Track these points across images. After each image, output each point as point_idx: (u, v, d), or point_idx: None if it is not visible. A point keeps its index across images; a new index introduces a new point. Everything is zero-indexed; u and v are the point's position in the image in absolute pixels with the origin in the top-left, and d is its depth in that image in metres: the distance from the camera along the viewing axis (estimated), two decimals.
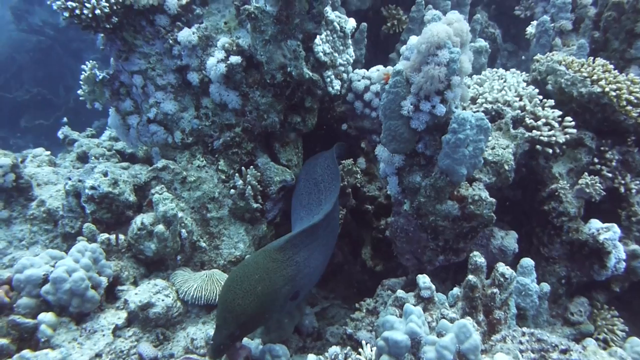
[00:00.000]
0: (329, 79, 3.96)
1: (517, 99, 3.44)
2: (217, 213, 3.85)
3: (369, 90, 4.20)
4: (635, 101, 3.40)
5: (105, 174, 3.52)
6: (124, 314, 3.13)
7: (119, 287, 3.30)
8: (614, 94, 3.28)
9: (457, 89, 2.70)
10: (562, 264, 3.55)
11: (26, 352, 2.65)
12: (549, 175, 3.57)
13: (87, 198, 3.51)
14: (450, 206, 3.02)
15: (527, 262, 2.86)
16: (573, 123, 3.38)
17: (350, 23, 4.09)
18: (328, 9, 3.84)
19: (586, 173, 3.41)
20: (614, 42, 4.45)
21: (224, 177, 3.92)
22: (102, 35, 3.95)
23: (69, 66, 14.82)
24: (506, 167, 3.15)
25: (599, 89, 3.34)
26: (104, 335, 3.02)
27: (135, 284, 3.40)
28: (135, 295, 3.17)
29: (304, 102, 3.94)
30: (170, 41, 3.80)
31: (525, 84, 3.65)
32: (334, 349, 2.63)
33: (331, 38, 3.90)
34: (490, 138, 3.16)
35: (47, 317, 2.93)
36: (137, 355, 2.94)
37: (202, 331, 3.24)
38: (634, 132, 3.67)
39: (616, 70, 3.55)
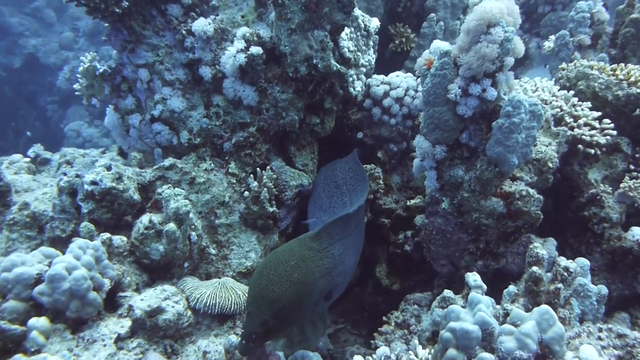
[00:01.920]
0: (351, 79, 3.88)
1: (554, 98, 3.41)
2: (227, 219, 3.62)
3: (388, 96, 4.13)
4: None
5: (109, 168, 3.27)
6: (127, 322, 2.81)
7: (120, 294, 2.99)
8: None
9: (510, 73, 2.63)
10: (601, 276, 3.43)
11: (19, 357, 2.32)
12: (584, 181, 3.50)
13: (86, 195, 3.24)
14: (495, 202, 2.90)
15: (583, 261, 2.72)
16: (612, 125, 3.35)
17: (374, 22, 4.05)
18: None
19: (627, 177, 3.36)
20: (632, 58, 4.54)
21: (234, 181, 3.72)
22: (106, 24, 3.79)
23: (21, 109, 14.54)
24: (550, 165, 3.06)
25: (638, 91, 3.34)
26: (105, 345, 2.69)
27: (137, 291, 3.10)
28: (142, 301, 2.88)
29: (324, 103, 3.83)
30: (184, 32, 3.66)
31: (557, 87, 3.63)
32: (383, 349, 2.42)
33: (355, 36, 3.85)
34: None
35: (39, 322, 2.60)
36: None
37: (215, 344, 2.95)
38: None
39: None
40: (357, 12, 3.86)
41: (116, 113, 3.99)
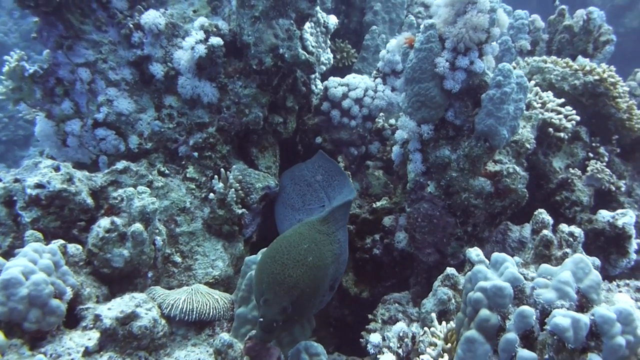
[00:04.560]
0: (312, 76, 3.97)
1: None
2: (189, 227, 3.50)
3: (347, 97, 4.26)
4: (623, 93, 3.83)
5: (57, 169, 3.07)
6: (95, 334, 2.60)
7: (81, 307, 2.77)
8: (612, 80, 3.67)
9: (495, 45, 2.84)
10: None
11: None
12: (550, 169, 3.79)
13: (29, 201, 3.00)
14: (483, 182, 3.05)
15: (579, 230, 2.90)
16: (574, 111, 3.68)
17: (332, 19, 4.21)
18: None
19: (593, 161, 3.67)
20: None
21: (193, 186, 3.63)
22: (36, 19, 3.64)
23: None
24: (527, 146, 3.30)
25: (595, 77, 3.72)
26: (72, 359, 2.46)
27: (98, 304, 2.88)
28: (109, 310, 2.67)
29: (286, 102, 3.88)
30: (130, 26, 3.60)
31: None
32: (400, 325, 2.42)
33: (315, 31, 3.97)
34: None
35: None
36: None
37: (195, 353, 2.78)
38: (616, 131, 4.09)
39: None
40: (317, 7, 4.01)
41: (49, 121, 3.77)
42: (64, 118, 3.76)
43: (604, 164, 3.92)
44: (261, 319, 2.23)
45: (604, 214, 3.65)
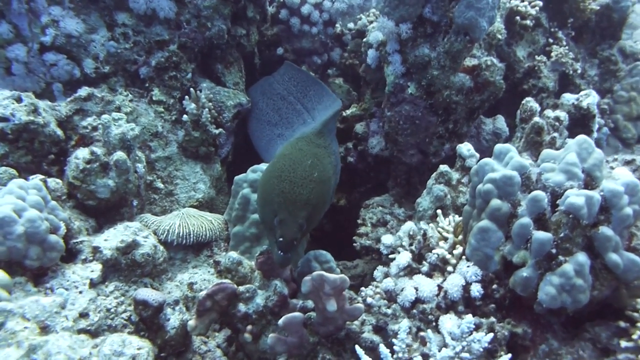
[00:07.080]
0: None
1: None
2: (164, 151, 3.46)
3: (306, 3, 4.19)
4: None
5: (19, 100, 2.91)
6: (97, 266, 2.60)
7: (74, 240, 2.74)
8: None
9: None
10: None
11: (5, 304, 2.06)
12: (515, 58, 3.95)
13: None
14: (463, 77, 3.17)
15: (563, 114, 3.06)
16: None
17: None
18: None
19: (555, 46, 3.85)
20: None
21: (161, 109, 3.54)
22: None
23: None
24: (499, 37, 3.41)
25: None
26: (81, 292, 2.47)
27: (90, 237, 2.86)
28: (106, 241, 2.66)
29: (246, 12, 3.78)
30: None
31: None
32: (409, 225, 2.56)
33: None
34: None
35: None
36: (137, 303, 2.46)
37: (198, 274, 2.86)
38: (570, 14, 4.26)
39: None
40: None
41: None
42: (3, 43, 3.50)
43: (566, 48, 4.11)
44: (281, 239, 2.24)
45: (568, 97, 3.84)
